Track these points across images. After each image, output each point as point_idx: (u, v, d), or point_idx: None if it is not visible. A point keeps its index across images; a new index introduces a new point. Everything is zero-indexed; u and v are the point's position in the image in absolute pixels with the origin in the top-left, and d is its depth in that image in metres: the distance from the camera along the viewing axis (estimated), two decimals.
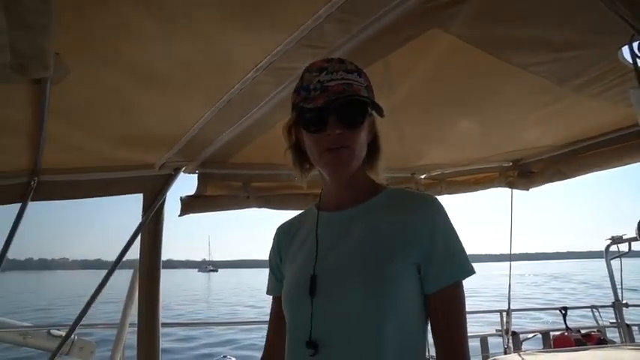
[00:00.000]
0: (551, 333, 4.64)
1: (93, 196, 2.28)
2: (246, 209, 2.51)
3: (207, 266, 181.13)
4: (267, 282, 1.32)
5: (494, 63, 1.55)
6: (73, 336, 2.72)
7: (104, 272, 2.35)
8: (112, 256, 2.45)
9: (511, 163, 2.98)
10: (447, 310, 1.06)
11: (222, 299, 35.47)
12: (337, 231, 1.14)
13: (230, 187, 2.44)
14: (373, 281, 1.02)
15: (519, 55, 1.52)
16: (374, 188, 1.17)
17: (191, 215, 2.42)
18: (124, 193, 2.32)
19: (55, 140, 1.87)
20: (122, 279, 2.57)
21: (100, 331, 3.85)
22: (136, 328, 2.41)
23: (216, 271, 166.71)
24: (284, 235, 1.29)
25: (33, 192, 2.14)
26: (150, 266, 2.35)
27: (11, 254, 2.20)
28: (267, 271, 1.31)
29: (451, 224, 1.11)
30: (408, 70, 1.66)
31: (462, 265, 1.08)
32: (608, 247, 4.84)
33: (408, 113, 2.04)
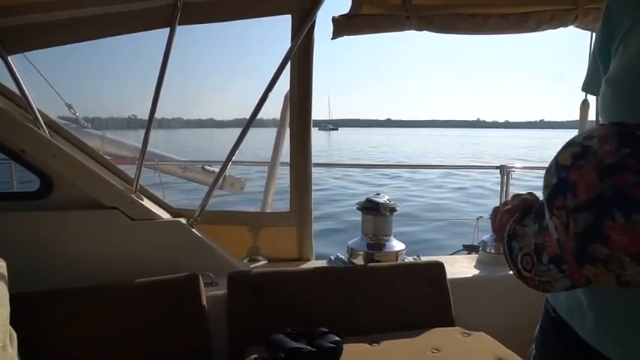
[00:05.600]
0: None
1: (240, 18, 2.09)
2: (405, 31, 2.17)
3: (328, 125, 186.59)
4: (585, 75, 0.93)
5: None
6: (225, 172, 2.75)
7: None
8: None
9: None
10: None
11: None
12: None
13: (388, 5, 2.09)
14: None
15: None
16: None
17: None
18: (271, 14, 2.10)
19: None
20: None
21: (250, 168, 3.99)
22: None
23: (337, 129, 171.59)
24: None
25: (180, 14, 2.02)
26: (301, 95, 2.18)
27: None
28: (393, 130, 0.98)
29: None
30: None
31: None
32: None
33: None
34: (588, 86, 0.93)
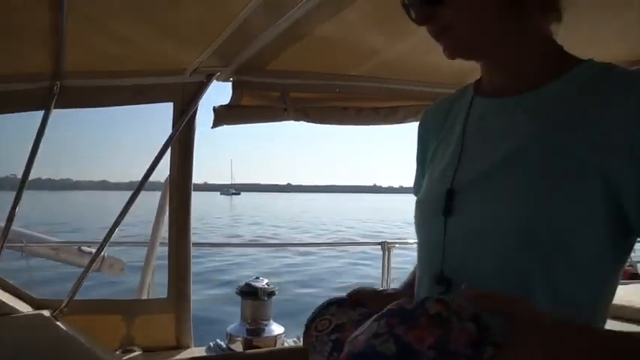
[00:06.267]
0: None
1: (120, 104, 2.10)
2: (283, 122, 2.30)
3: (230, 190, 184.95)
4: (414, 179, 1.01)
5: None
6: (102, 253, 2.65)
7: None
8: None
9: None
10: None
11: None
12: (495, 125, 0.81)
13: (267, 98, 2.22)
14: (533, 204, 0.71)
15: None
16: (557, 63, 0.77)
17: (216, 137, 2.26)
18: (153, 102, 2.14)
19: (77, 38, 1.67)
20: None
21: (130, 249, 3.83)
22: (166, 248, 2.32)
23: (239, 194, 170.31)
24: (432, 118, 0.97)
25: (56, 98, 1.98)
26: (181, 181, 2.20)
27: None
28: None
29: None
30: None
31: None
32: None
33: None
34: (417, 190, 0.99)
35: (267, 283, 2.29)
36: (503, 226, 0.72)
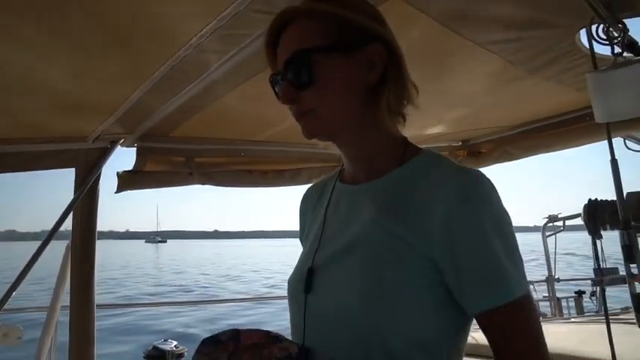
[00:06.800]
0: None
1: (20, 171, 2.07)
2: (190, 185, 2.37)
3: (156, 237, 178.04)
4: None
5: (449, 38, 1.47)
6: None
7: None
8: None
9: (460, 143, 2.96)
10: (498, 337, 0.78)
11: None
12: (347, 210, 0.93)
13: (171, 163, 2.29)
14: (371, 284, 0.79)
15: (477, 31, 1.44)
16: (402, 154, 0.89)
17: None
18: (55, 168, 2.13)
19: None
20: None
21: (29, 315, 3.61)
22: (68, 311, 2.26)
23: (165, 241, 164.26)
24: (309, 200, 1.09)
25: None
26: (83, 246, 2.17)
27: None
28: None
29: (495, 216, 0.78)
30: None
31: (500, 283, 0.76)
32: (545, 225, 5.00)
33: None
34: None
35: (175, 346, 2.28)
36: (343, 310, 0.81)
